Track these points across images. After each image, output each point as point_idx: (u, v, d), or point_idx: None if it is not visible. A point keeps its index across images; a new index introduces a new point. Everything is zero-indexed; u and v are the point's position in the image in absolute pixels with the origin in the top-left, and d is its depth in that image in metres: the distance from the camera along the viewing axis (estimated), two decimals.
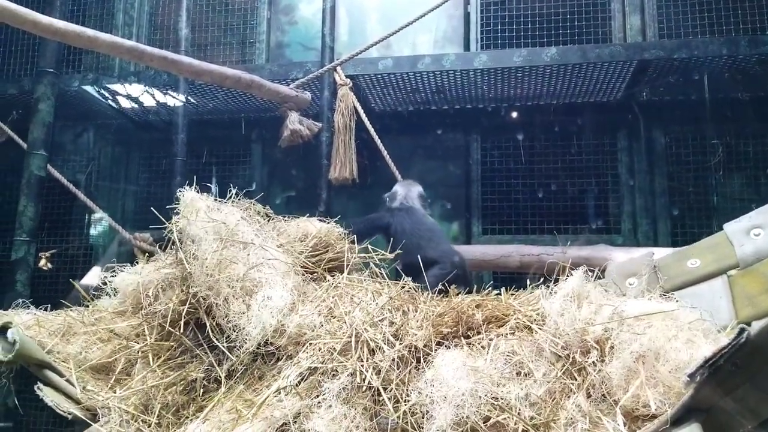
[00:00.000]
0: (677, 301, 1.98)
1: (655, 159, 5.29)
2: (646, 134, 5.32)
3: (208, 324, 2.10)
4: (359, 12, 5.79)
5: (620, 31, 5.15)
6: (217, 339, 2.04)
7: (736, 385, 1.42)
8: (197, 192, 2.44)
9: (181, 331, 2.11)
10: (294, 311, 2.02)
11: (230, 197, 2.50)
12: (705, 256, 2.14)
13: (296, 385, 1.80)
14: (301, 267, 2.37)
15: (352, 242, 2.69)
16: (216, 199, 2.45)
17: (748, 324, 1.76)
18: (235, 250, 2.14)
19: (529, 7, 5.29)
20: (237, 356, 1.97)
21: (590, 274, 1.98)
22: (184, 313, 2.13)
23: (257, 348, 1.97)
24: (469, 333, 2.02)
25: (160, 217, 2.46)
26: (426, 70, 4.97)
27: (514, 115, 5.66)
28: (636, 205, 5.27)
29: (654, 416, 1.58)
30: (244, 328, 1.96)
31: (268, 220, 2.60)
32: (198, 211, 2.26)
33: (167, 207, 2.46)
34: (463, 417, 1.65)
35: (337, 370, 1.81)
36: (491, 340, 1.93)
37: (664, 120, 5.33)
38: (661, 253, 2.37)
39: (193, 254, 2.17)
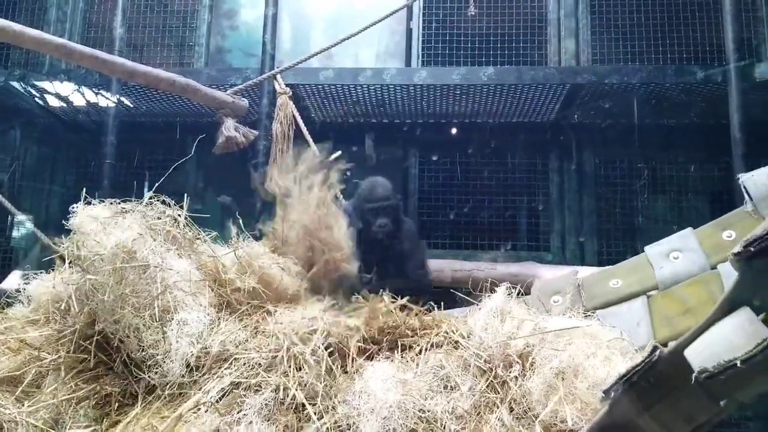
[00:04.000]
0: (598, 319, 2.03)
1: (585, 180, 5.47)
2: (577, 155, 5.51)
3: (123, 355, 1.94)
4: (303, 21, 5.76)
5: (555, 54, 5.32)
6: (136, 368, 1.91)
7: (652, 402, 1.46)
8: (94, 204, 2.18)
9: (94, 346, 1.99)
10: (216, 330, 1.94)
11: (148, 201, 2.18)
12: (626, 277, 2.21)
13: (217, 401, 1.74)
14: None
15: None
16: (121, 207, 2.13)
17: (665, 345, 1.82)
18: (136, 275, 1.94)
19: (470, 27, 5.39)
20: (157, 383, 1.86)
21: (514, 290, 2.02)
22: (95, 334, 1.98)
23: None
24: (402, 344, 2.02)
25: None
26: (367, 83, 4.99)
27: (452, 131, 5.75)
28: (565, 224, 5.42)
29: None
30: (164, 360, 1.85)
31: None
32: (89, 234, 2.04)
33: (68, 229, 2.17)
34: (389, 429, 1.64)
35: (260, 386, 1.76)
36: (420, 353, 1.93)
37: (594, 142, 5.53)
38: (586, 271, 2.43)
39: (91, 287, 1.94)
